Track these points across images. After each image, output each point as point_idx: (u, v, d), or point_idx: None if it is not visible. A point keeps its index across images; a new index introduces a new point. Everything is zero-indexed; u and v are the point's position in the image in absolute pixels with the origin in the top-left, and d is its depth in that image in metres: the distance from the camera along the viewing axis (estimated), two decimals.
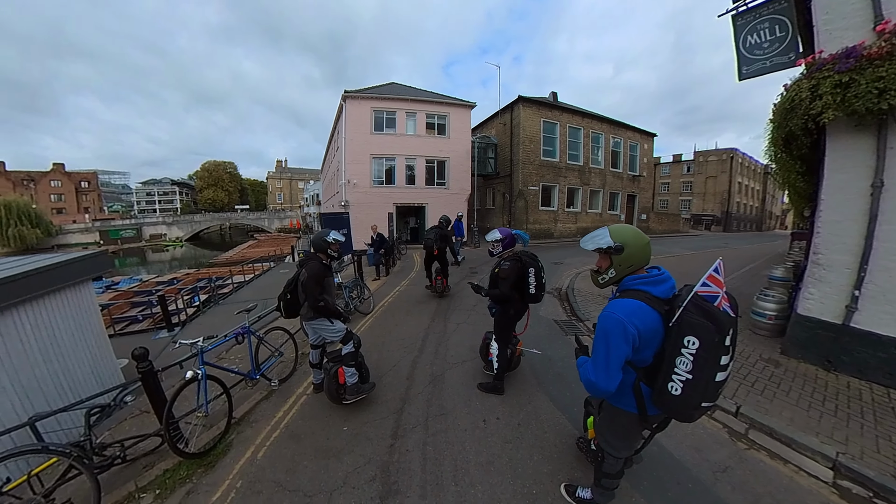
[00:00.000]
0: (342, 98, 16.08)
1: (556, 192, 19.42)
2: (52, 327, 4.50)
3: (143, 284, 17.09)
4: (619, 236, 1.52)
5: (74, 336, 4.88)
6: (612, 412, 1.71)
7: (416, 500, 2.17)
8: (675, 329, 1.34)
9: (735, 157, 37.85)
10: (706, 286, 1.33)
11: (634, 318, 1.39)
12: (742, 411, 2.98)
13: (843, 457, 2.43)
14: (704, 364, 1.28)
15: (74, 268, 4.99)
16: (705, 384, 1.30)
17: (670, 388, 1.36)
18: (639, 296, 1.45)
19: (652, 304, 1.42)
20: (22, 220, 35.67)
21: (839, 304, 3.66)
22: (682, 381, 1.32)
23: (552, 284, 7.92)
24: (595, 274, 1.65)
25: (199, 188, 64.45)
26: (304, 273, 3.03)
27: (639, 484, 2.23)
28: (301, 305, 3.19)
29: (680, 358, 1.32)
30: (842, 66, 3.19)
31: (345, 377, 3.05)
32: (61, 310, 4.72)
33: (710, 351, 1.27)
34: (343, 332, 3.17)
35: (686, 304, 1.32)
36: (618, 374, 1.44)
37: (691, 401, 1.34)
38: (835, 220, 3.69)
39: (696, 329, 1.28)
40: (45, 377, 4.12)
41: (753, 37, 4.75)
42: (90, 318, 5.34)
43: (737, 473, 2.38)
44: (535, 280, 3.07)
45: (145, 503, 2.33)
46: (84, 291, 5.30)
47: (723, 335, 1.26)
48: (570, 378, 3.61)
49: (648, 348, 1.43)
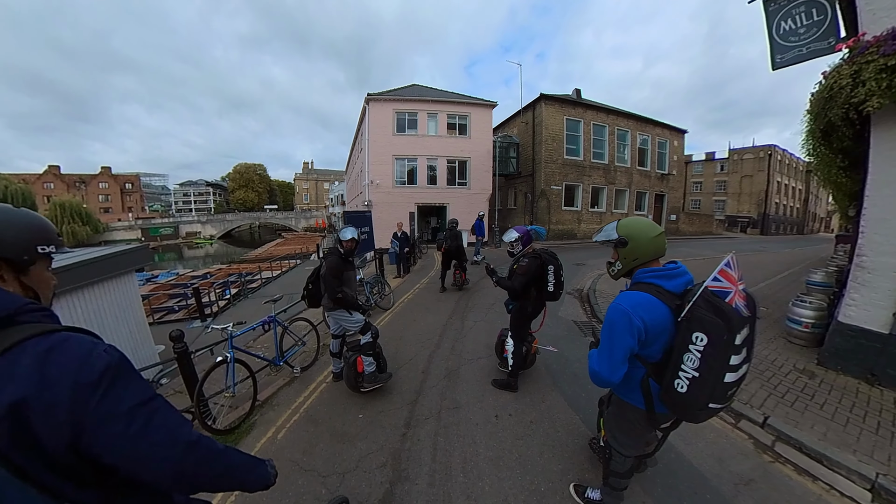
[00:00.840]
0: (365, 101, 16.45)
1: (579, 192, 19.00)
2: (99, 312, 4.92)
3: (179, 278, 18.18)
4: (624, 230, 1.52)
5: (118, 321, 5.31)
6: (620, 406, 1.68)
7: (424, 487, 2.21)
8: (683, 324, 1.30)
9: (773, 154, 35.41)
10: (717, 281, 1.27)
11: (641, 310, 1.37)
12: (770, 422, 2.81)
13: (885, 478, 2.24)
14: (713, 362, 1.23)
15: (120, 259, 5.42)
16: (713, 384, 1.25)
17: (676, 386, 1.32)
18: (649, 289, 1.42)
19: (662, 297, 1.39)
20: (74, 219, 39.00)
21: (886, 312, 3.37)
22: (689, 378, 1.28)
23: (573, 285, 7.78)
24: (609, 265, 1.69)
25: (231, 189, 67.71)
26: (324, 266, 3.20)
27: (652, 490, 2.16)
28: (322, 296, 3.36)
29: (687, 354, 1.28)
30: (888, 49, 2.90)
31: (363, 366, 3.18)
32: (108, 296, 5.15)
33: (719, 348, 1.22)
34: (362, 323, 3.29)
35: (696, 299, 1.27)
36: (622, 365, 1.42)
37: (697, 400, 1.30)
38: (882, 217, 3.40)
39: (705, 325, 1.24)
40: None
41: (788, 22, 4.44)
42: (132, 305, 5.78)
43: (760, 488, 2.25)
44: (555, 278, 3.06)
45: None
46: (128, 281, 5.75)
47: (733, 333, 1.20)
48: (586, 379, 3.47)
49: (656, 343, 1.40)
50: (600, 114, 19.11)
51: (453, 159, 17.76)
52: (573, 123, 18.22)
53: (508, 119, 21.70)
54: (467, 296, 7.01)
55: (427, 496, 2.14)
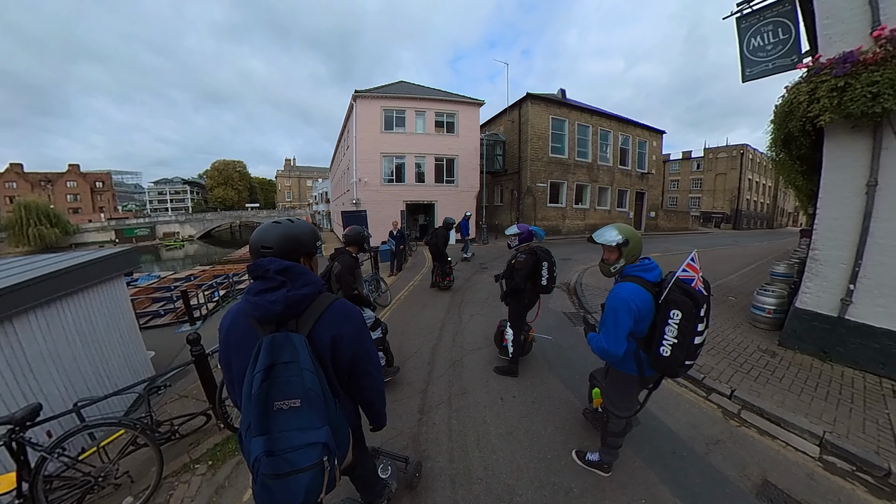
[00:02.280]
0: (352, 98, 16.40)
1: (564, 189, 19.57)
2: (90, 320, 4.74)
3: (161, 281, 17.63)
4: (625, 232, 1.92)
5: (109, 328, 5.11)
6: (617, 376, 2.08)
7: (445, 464, 2.48)
8: (663, 305, 1.73)
9: (745, 153, 37.23)
10: (685, 272, 1.73)
11: (635, 297, 1.79)
12: (736, 394, 3.25)
13: (830, 435, 2.67)
14: (686, 331, 1.68)
15: (109, 263, 5.23)
16: (687, 346, 1.71)
17: (661, 351, 1.75)
18: (636, 280, 1.84)
19: (646, 287, 1.82)
20: (41, 220, 36.69)
21: (835, 298, 3.87)
22: (671, 344, 1.72)
23: (561, 279, 8.19)
24: (605, 265, 2.02)
25: (210, 187, 65.61)
26: (338, 266, 3.27)
27: (640, 451, 2.53)
28: None
29: (668, 327, 1.71)
30: (838, 71, 3.33)
31: None
32: (98, 303, 4.97)
33: (690, 320, 1.67)
34: (373, 320, 3.40)
35: (671, 286, 1.71)
36: (624, 342, 1.82)
37: (677, 360, 1.73)
38: (832, 217, 3.88)
39: (679, 304, 1.68)
40: (86, 367, 4.38)
41: (757, 39, 4.90)
42: (123, 311, 5.59)
43: (728, 446, 2.66)
44: (548, 273, 3.35)
45: (199, 472, 2.61)
46: (117, 286, 5.61)
47: (698, 308, 1.66)
48: (578, 363, 3.91)
49: (644, 322, 1.81)
50: (584, 114, 19.71)
51: (441, 157, 17.96)
52: (558, 123, 18.74)
53: (495, 117, 22.04)
54: (461, 291, 7.31)
55: (449, 471, 2.41)
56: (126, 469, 2.53)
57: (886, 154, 3.46)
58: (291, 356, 1.06)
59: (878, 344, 3.59)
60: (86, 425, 2.40)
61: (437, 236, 7.65)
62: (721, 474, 2.37)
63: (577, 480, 2.29)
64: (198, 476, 2.58)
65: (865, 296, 3.67)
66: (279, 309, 1.11)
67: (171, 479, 2.57)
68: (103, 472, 2.41)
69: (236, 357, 1.20)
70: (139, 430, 2.56)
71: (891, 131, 3.40)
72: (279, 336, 1.09)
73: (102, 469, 2.43)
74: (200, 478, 2.57)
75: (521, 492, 2.23)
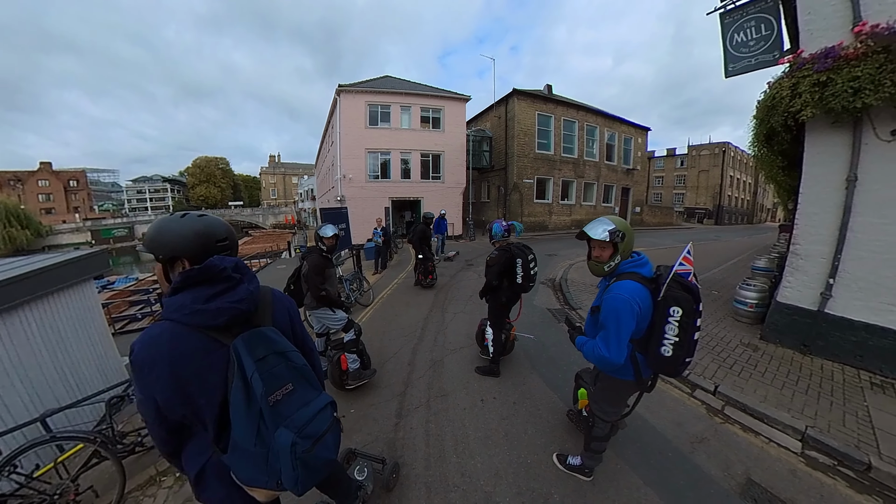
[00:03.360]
0: (336, 92, 16.04)
1: (550, 185, 19.61)
2: (57, 326, 4.46)
3: (139, 283, 17.02)
4: (621, 226, 1.72)
5: (79, 334, 4.85)
6: (610, 383, 1.93)
7: (420, 471, 2.35)
8: (661, 302, 1.58)
9: (727, 151, 38.21)
10: (682, 266, 1.58)
11: (637, 296, 1.63)
12: (720, 390, 3.21)
13: (812, 430, 2.66)
14: (687, 327, 1.56)
15: (76, 266, 4.94)
16: (688, 343, 1.58)
17: (663, 351, 1.60)
18: (634, 277, 1.68)
19: (644, 283, 1.66)
20: (11, 222, 34.75)
21: (815, 292, 3.89)
22: (672, 343, 1.58)
23: (546, 275, 8.14)
24: (598, 264, 1.79)
25: (191, 185, 63.64)
26: (306, 265, 3.13)
27: (623, 452, 2.44)
28: (304, 296, 3.28)
29: (668, 325, 1.57)
30: (820, 66, 3.34)
31: (347, 363, 3.20)
32: (65, 308, 4.69)
33: (691, 316, 1.55)
34: (345, 321, 3.31)
35: (669, 282, 1.57)
36: (626, 347, 1.67)
37: (679, 358, 1.60)
38: (812, 212, 3.89)
39: (679, 301, 1.54)
40: (53, 375, 4.15)
41: (740, 35, 4.90)
42: (93, 316, 5.32)
43: (712, 444, 2.60)
44: (522, 270, 3.16)
45: (166, 485, 2.45)
46: (86, 290, 5.31)
47: (698, 304, 1.55)
48: (561, 361, 3.82)
49: (644, 322, 1.66)
50: (570, 110, 19.74)
51: (427, 153, 17.76)
52: (544, 119, 18.72)
53: (481, 113, 21.91)
54: (445, 289, 7.17)
55: (425, 479, 2.28)
56: (91, 484, 2.40)
57: (866, 149, 3.47)
58: (265, 351, 1.04)
59: (855, 337, 3.62)
60: (33, 442, 2.24)
61: (415, 232, 7.51)
62: (706, 474, 2.31)
63: (557, 486, 2.19)
64: (164, 489, 2.42)
65: (844, 290, 3.69)
66: (248, 306, 1.05)
67: (136, 494, 2.42)
68: (59, 490, 2.26)
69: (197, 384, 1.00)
70: (98, 443, 2.42)
71: (870, 127, 3.41)
72: (250, 335, 1.04)
73: (59, 486, 2.28)
74: (167, 490, 2.41)
75: (498, 499, 2.11)
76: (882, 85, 3.04)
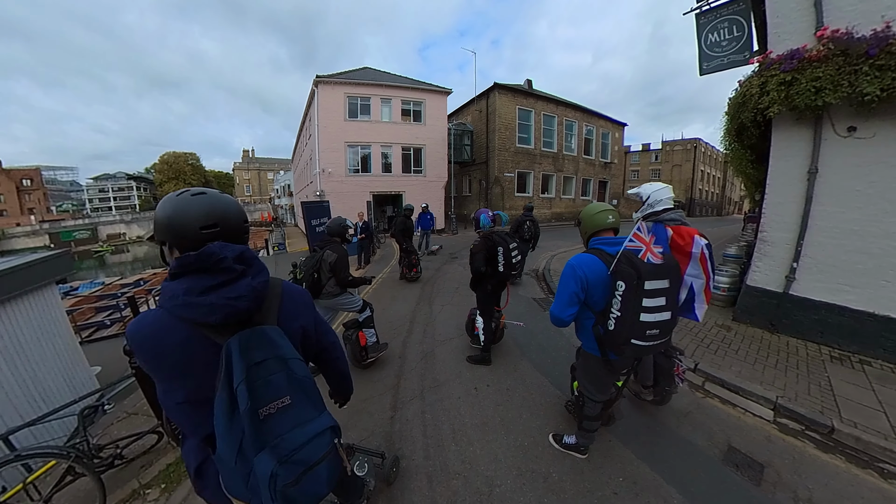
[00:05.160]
0: (314, 83, 15.56)
1: (531, 179, 19.89)
2: (16, 335, 4.17)
3: (106, 288, 15.96)
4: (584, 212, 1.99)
5: (42, 343, 4.53)
6: (584, 357, 2.06)
7: (420, 461, 2.36)
8: (611, 277, 1.68)
9: (698, 147, 40.01)
10: (632, 242, 1.68)
11: (584, 265, 1.80)
12: (700, 367, 3.41)
13: (782, 399, 2.88)
14: (628, 303, 1.60)
15: (35, 270, 4.55)
16: (631, 322, 1.61)
17: (608, 325, 1.71)
18: (594, 252, 1.85)
19: (603, 258, 1.78)
20: None
21: (781, 275, 4.17)
22: (615, 318, 1.66)
23: (529, 266, 8.29)
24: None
25: (159, 182, 60.24)
26: (332, 254, 3.22)
27: (615, 429, 2.56)
28: (325, 285, 3.30)
29: (614, 300, 1.66)
30: (786, 66, 3.56)
31: (366, 339, 3.52)
32: (25, 316, 4.36)
33: (633, 291, 1.59)
34: (361, 303, 3.56)
35: (618, 257, 1.66)
36: (569, 307, 1.85)
37: (621, 335, 1.65)
38: (778, 201, 4.15)
39: (623, 275, 1.62)
40: (14, 390, 3.87)
41: (714, 35, 5.12)
42: (57, 323, 4.94)
43: (696, 417, 2.77)
44: (504, 259, 3.21)
45: (152, 498, 2.32)
46: (49, 295, 4.93)
47: (642, 280, 1.56)
48: (550, 347, 3.93)
49: (596, 292, 1.79)
50: (550, 104, 20.03)
51: (408, 146, 17.57)
52: (525, 113, 18.91)
53: (462, 106, 21.88)
54: (432, 282, 7.18)
55: (425, 468, 2.29)
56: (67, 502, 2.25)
57: (825, 144, 3.73)
58: (264, 354, 0.91)
59: (817, 315, 3.92)
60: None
61: (396, 225, 7.44)
62: (692, 444, 2.46)
63: (555, 465, 2.27)
64: (149, 502, 2.29)
65: (806, 273, 3.97)
66: (247, 304, 0.91)
67: None
68: None
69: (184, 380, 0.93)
70: (72, 459, 2.23)
71: (830, 123, 3.67)
72: (247, 335, 0.91)
73: None
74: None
75: (499, 482, 2.16)
76: (840, 85, 3.28)
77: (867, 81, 3.14)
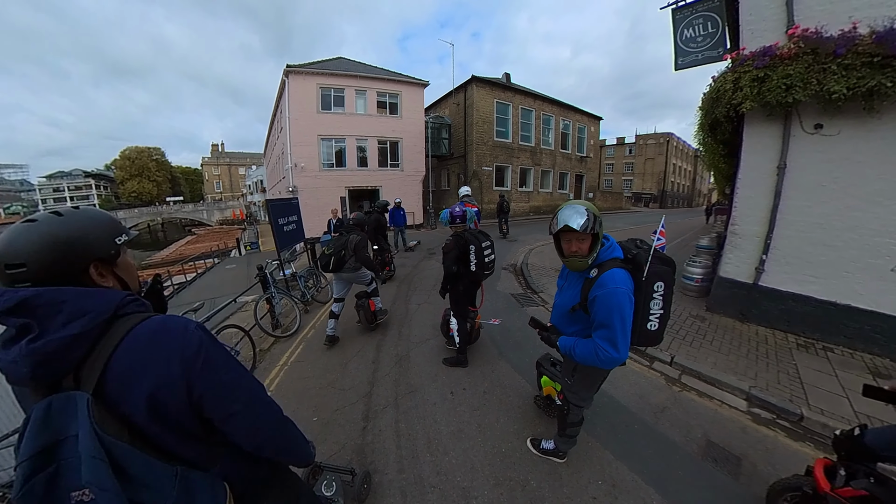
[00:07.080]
0: (284, 73, 14.86)
1: (508, 173, 19.91)
2: None
3: None
4: (594, 210, 1.56)
5: None
6: (590, 372, 1.86)
7: (394, 475, 2.21)
8: (645, 282, 1.56)
9: (671, 141, 41.42)
10: (660, 240, 1.58)
11: (629, 283, 1.55)
12: (676, 360, 3.42)
13: (754, 389, 2.92)
14: (669, 300, 1.62)
15: None
16: (668, 315, 1.65)
17: (649, 327, 1.63)
18: (615, 263, 1.57)
19: (625, 267, 1.59)
20: None
21: (751, 267, 4.26)
22: (658, 317, 1.62)
23: (507, 261, 8.23)
24: (579, 259, 1.60)
25: (121, 179, 56.64)
26: (356, 238, 3.87)
27: (593, 430, 2.50)
28: (347, 262, 3.87)
29: (653, 301, 1.59)
30: (759, 63, 3.60)
31: (375, 305, 4.36)
32: None
33: (671, 288, 1.61)
34: (370, 276, 4.26)
35: (652, 259, 1.55)
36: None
37: (662, 329, 1.67)
38: (749, 195, 4.23)
39: (661, 276, 1.57)
40: None
41: (689, 31, 5.14)
42: None
43: (673, 412, 2.75)
44: (476, 258, 3.08)
45: None
46: None
47: (675, 271, 1.62)
48: (527, 345, 3.83)
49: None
50: (527, 98, 20.02)
51: (384, 140, 17.16)
52: (503, 107, 18.82)
53: (440, 99, 21.55)
54: (408, 280, 7.00)
55: (399, 483, 2.15)
56: None
57: (794, 140, 3.80)
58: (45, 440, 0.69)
59: (784, 305, 4.04)
60: None
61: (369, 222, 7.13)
62: (670, 441, 2.43)
63: (533, 472, 2.17)
64: None
65: (774, 264, 4.08)
66: (26, 371, 0.69)
67: None
68: None
69: None
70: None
71: (798, 120, 3.73)
72: (59, 400, 0.70)
73: None
74: None
75: (476, 493, 2.05)
76: (809, 83, 3.34)
77: (834, 80, 3.20)
